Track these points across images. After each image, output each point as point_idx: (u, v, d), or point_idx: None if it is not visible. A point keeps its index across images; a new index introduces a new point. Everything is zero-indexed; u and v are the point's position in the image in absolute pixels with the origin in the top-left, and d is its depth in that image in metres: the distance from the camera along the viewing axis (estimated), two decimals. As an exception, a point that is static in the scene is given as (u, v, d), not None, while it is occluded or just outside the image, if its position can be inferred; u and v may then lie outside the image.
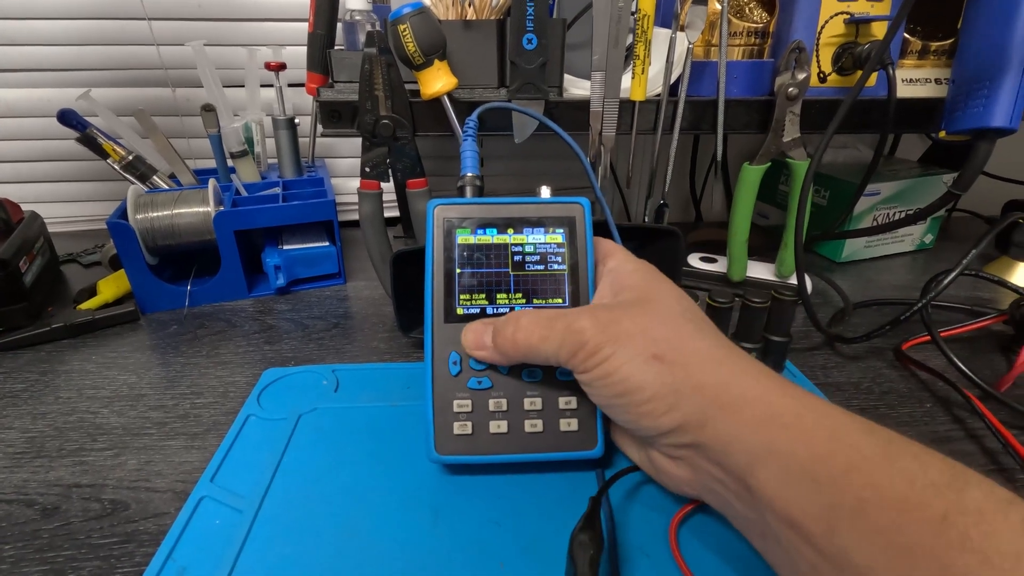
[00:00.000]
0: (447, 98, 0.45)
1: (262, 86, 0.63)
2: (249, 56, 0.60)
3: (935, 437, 0.36)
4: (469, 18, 0.48)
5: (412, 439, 0.34)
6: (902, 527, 0.18)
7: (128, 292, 0.52)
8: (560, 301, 0.32)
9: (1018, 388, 0.40)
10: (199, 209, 0.51)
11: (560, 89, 0.50)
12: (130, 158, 0.56)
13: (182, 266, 0.56)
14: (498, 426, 0.30)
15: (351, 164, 0.76)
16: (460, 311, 0.32)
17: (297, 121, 0.62)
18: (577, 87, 0.51)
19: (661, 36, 0.48)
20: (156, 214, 0.50)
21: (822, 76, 0.50)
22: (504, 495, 0.30)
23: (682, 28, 0.47)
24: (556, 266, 0.32)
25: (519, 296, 0.32)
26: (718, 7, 0.47)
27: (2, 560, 0.27)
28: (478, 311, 0.32)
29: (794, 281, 0.53)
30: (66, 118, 0.55)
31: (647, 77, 0.47)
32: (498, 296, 0.32)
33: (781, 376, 0.25)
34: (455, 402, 0.31)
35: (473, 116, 0.38)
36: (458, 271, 0.32)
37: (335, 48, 0.57)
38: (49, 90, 0.67)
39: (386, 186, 0.48)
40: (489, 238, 0.33)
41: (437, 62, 0.44)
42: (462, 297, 0.32)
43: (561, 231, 0.33)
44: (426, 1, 0.47)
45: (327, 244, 0.56)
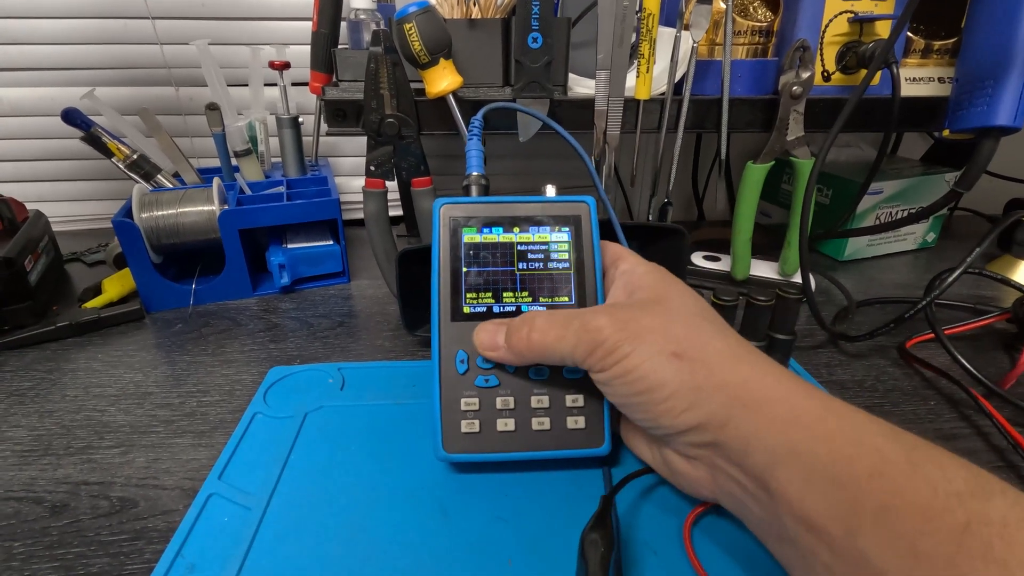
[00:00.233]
0: (452, 97, 0.45)
1: (266, 85, 0.63)
2: (253, 55, 0.60)
3: (940, 435, 0.36)
4: (474, 17, 0.48)
5: (418, 437, 0.34)
6: (924, 534, 0.18)
7: (133, 291, 0.52)
8: (566, 299, 0.32)
9: (1022, 386, 0.40)
10: (203, 208, 0.51)
11: (565, 88, 0.50)
12: (134, 157, 0.56)
13: (186, 265, 0.56)
14: (505, 424, 0.31)
15: (354, 163, 0.76)
16: (467, 309, 0.32)
17: (301, 120, 0.63)
18: (582, 86, 0.51)
19: (665, 35, 0.48)
20: (161, 213, 0.51)
21: (826, 75, 0.50)
22: (511, 493, 0.30)
23: (686, 27, 0.47)
24: (562, 264, 0.33)
25: (525, 294, 0.32)
26: (722, 6, 0.47)
27: (13, 557, 0.27)
28: (484, 310, 0.32)
29: (798, 279, 0.54)
30: (70, 117, 0.55)
31: (651, 76, 0.47)
32: (504, 294, 0.32)
33: (801, 378, 0.25)
34: (462, 400, 0.31)
35: (479, 116, 0.38)
36: (464, 270, 0.32)
37: (339, 47, 0.57)
38: (53, 89, 0.67)
39: (390, 185, 0.48)
40: (495, 237, 0.33)
41: (442, 61, 0.44)
42: (468, 296, 0.32)
43: (566, 229, 0.33)
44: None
45: (331, 243, 0.56)
